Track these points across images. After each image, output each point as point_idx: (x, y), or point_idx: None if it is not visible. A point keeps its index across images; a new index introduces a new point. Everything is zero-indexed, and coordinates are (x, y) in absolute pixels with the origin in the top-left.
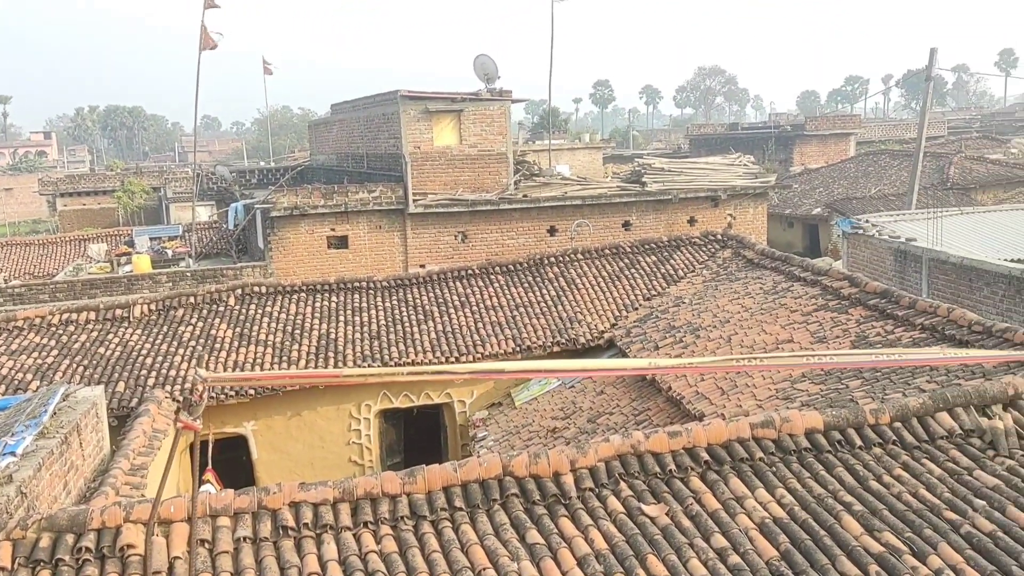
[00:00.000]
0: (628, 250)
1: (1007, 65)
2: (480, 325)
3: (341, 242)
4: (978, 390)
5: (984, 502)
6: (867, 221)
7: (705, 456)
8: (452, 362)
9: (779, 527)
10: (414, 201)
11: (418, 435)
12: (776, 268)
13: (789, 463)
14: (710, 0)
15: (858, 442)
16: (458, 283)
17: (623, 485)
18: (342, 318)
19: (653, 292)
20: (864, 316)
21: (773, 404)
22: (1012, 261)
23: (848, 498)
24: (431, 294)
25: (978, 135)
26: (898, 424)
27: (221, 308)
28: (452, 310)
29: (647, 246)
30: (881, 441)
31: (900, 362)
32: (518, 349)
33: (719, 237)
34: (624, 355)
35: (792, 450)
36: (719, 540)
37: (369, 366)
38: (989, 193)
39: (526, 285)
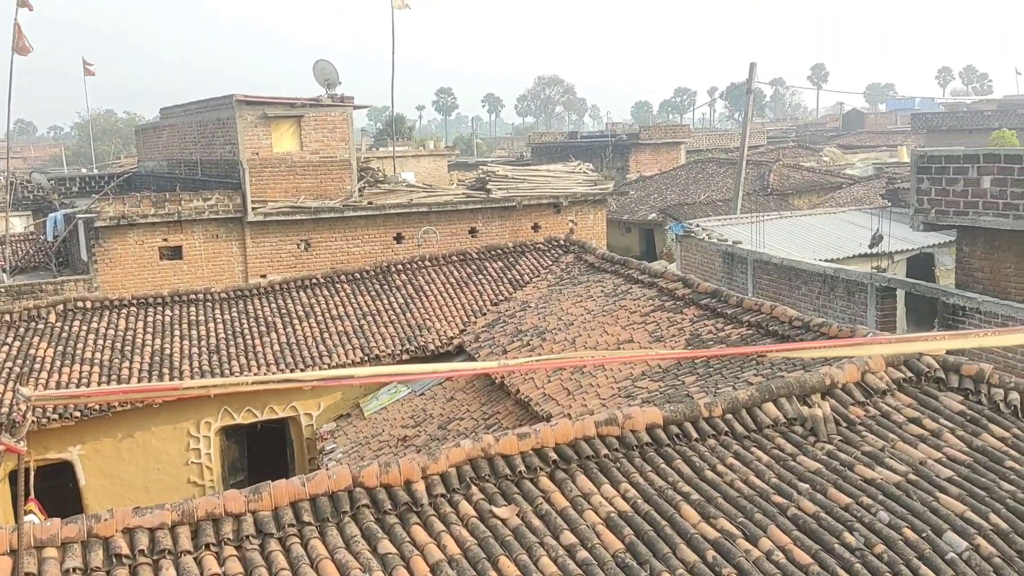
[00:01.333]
0: (475, 256)
1: (819, 79)
2: (326, 335)
3: (175, 253)
4: (799, 381)
5: (807, 485)
6: (698, 225)
7: (553, 456)
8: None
9: (624, 520)
10: (253, 209)
11: (263, 452)
12: (616, 271)
13: (632, 458)
14: (548, 11)
15: (694, 435)
16: (302, 293)
17: (474, 489)
18: (177, 333)
19: (500, 297)
20: (697, 315)
21: (616, 402)
22: (826, 261)
23: (686, 488)
24: (273, 305)
25: (794, 144)
26: (729, 416)
27: (40, 326)
28: (296, 321)
29: (493, 252)
30: (715, 433)
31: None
32: (366, 358)
33: (562, 242)
34: (473, 360)
35: (634, 445)
36: (568, 537)
37: None
38: (805, 198)
39: (373, 293)
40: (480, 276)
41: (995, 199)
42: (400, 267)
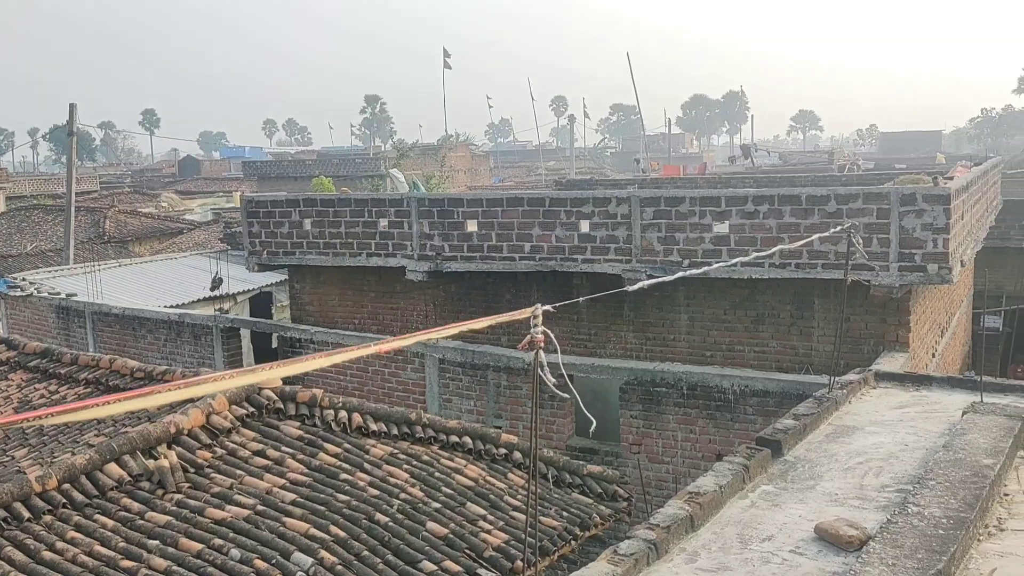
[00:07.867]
0: None
1: (151, 124)
2: None
3: None
4: (143, 434)
5: (157, 541)
6: (25, 279)
7: None
8: None
9: None
10: None
11: None
12: None
13: None
14: None
15: (26, 514)
16: None
17: None
18: None
19: None
20: (26, 379)
21: None
22: (171, 307)
23: None
24: None
25: (130, 190)
26: (67, 486)
27: None
28: None
29: None
30: (52, 507)
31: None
32: None
33: None
34: None
35: None
36: None
37: None
38: (146, 244)
39: None
40: None
41: (316, 239)
42: None
